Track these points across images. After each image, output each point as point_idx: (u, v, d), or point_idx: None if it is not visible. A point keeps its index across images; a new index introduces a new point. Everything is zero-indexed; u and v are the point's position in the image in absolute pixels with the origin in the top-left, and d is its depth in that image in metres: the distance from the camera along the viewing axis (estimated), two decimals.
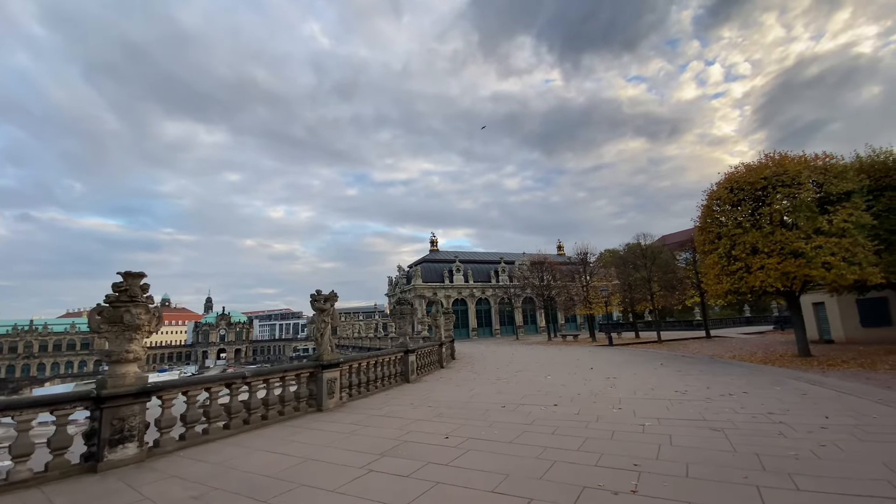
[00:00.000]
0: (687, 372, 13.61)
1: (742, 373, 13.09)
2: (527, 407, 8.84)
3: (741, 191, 19.12)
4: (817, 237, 16.60)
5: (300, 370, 9.06)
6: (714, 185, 21.28)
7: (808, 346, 18.93)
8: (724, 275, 19.64)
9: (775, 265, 17.25)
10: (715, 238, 20.52)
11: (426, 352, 14.98)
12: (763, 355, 20.28)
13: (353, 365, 10.53)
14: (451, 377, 14.26)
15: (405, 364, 12.73)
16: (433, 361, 15.79)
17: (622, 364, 17.10)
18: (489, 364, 18.30)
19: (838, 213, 16.61)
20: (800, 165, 18.12)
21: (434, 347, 16.22)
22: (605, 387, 11.11)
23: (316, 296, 9.62)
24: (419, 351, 13.99)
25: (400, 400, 10.23)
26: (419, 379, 13.48)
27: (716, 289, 20.58)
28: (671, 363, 16.69)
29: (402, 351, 12.65)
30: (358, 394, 10.55)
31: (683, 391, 10.01)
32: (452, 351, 20.56)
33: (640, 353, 23.20)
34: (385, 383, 11.72)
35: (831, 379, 11.23)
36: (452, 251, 63.77)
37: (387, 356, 11.88)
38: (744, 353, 22.00)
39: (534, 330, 59.01)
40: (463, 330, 54.39)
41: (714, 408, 8.08)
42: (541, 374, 14.37)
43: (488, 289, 56.66)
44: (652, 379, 12.26)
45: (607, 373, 14.08)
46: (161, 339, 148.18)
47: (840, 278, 16.40)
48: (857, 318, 23.82)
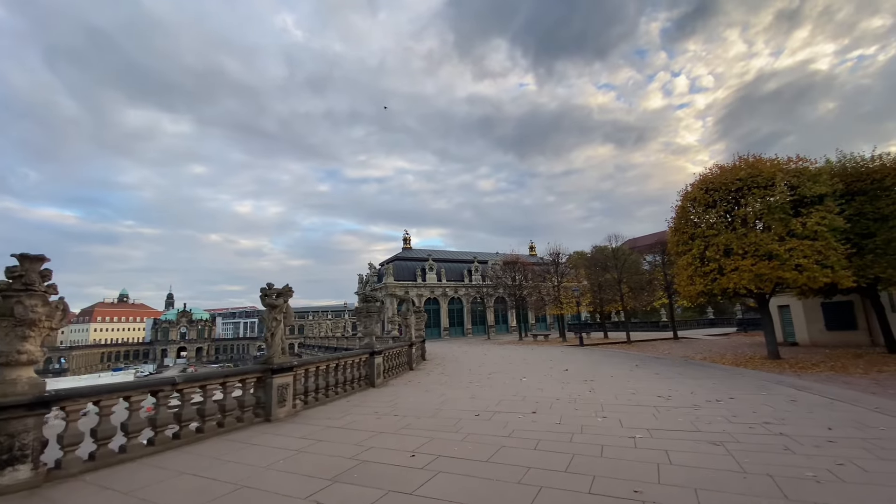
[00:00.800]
0: (665, 375, 13.15)
1: (721, 376, 12.72)
2: (503, 415, 7.98)
3: (716, 191, 19.01)
4: (790, 239, 16.60)
5: (246, 375, 7.85)
6: (689, 186, 21.18)
7: (777, 348, 19.02)
8: (698, 276, 19.51)
9: (749, 267, 17.16)
10: (689, 239, 20.40)
11: (394, 353, 13.93)
12: (733, 357, 20.31)
13: (309, 368, 9.37)
14: (421, 380, 13.28)
15: (370, 367, 11.65)
16: (402, 363, 14.76)
17: (597, 365, 16.59)
18: (461, 365, 17.43)
19: (811, 216, 16.64)
20: (774, 168, 18.15)
21: (403, 348, 15.19)
22: (583, 391, 10.41)
23: (266, 290, 8.44)
24: (386, 352, 12.92)
25: (363, 407, 9.17)
26: (386, 383, 12.43)
27: (688, 290, 20.46)
28: (646, 365, 16.29)
29: (368, 352, 11.56)
30: (315, 401, 9.40)
31: (667, 396, 9.41)
32: (423, 352, 19.58)
33: (612, 353, 22.92)
34: (347, 388, 10.60)
35: (814, 384, 10.94)
36: (426, 249, 62.73)
37: (349, 358, 10.77)
38: (714, 354, 22.05)
39: (505, 329, 58.75)
40: (434, 329, 53.45)
41: (705, 416, 7.45)
42: (515, 376, 13.60)
43: (461, 288, 55.95)
44: (631, 382, 11.68)
45: (584, 375, 13.46)
46: (117, 336, 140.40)
47: (812, 281, 16.44)
48: (821, 322, 24.36)
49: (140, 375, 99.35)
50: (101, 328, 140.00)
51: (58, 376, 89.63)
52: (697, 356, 21.30)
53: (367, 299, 11.85)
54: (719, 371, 14.01)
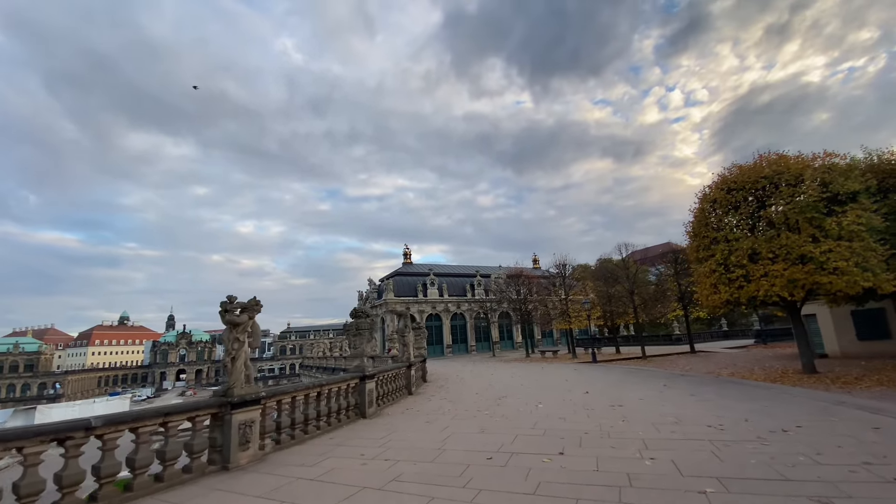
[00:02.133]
0: (702, 396, 11.43)
1: (766, 396, 11.00)
2: (522, 458, 6.32)
3: (739, 191, 17.55)
4: (825, 241, 15.05)
5: (196, 412, 6.23)
6: (707, 188, 19.74)
7: (813, 361, 17.30)
8: (722, 284, 17.89)
9: (781, 272, 15.57)
10: (710, 244, 18.83)
11: (390, 376, 12.24)
12: (763, 372, 18.53)
13: (282, 400, 7.73)
14: (421, 408, 11.58)
15: (361, 394, 9.98)
16: (399, 387, 13.05)
17: (620, 386, 14.84)
18: (466, 388, 15.70)
19: (847, 215, 15.11)
20: (801, 164, 16.71)
21: (401, 370, 13.49)
22: (615, 420, 8.72)
23: (227, 304, 6.88)
24: (380, 376, 11.26)
25: (348, 447, 7.50)
26: (379, 412, 10.73)
27: (712, 299, 18.79)
28: (675, 384, 14.54)
29: (357, 377, 9.92)
30: (290, 439, 7.74)
31: (718, 426, 7.72)
32: (424, 373, 17.84)
33: (631, 371, 21.10)
34: (332, 421, 8.93)
35: (883, 404, 9.24)
36: (427, 264, 61.11)
37: (335, 385, 9.12)
38: (741, 369, 20.23)
39: (510, 346, 56.66)
40: (437, 346, 51.46)
41: (782, 456, 5.79)
42: (529, 401, 11.88)
43: (464, 303, 54.12)
44: (667, 407, 9.98)
45: (608, 398, 11.74)
46: (116, 359, 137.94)
47: (851, 286, 14.81)
48: (852, 331, 22.57)
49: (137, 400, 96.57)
50: (99, 351, 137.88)
51: (52, 402, 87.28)
52: (724, 372, 19.51)
53: (357, 315, 10.27)
54: (761, 390, 12.27)
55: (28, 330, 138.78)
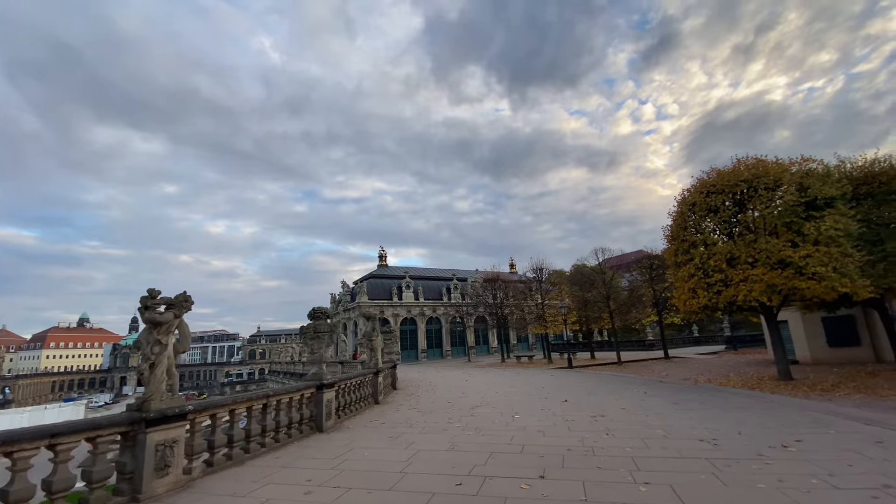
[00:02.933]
0: (685, 405, 10.81)
1: (753, 405, 10.46)
2: (497, 483, 5.39)
3: (719, 195, 17.30)
4: (805, 245, 14.88)
5: (97, 430, 5.04)
6: (686, 192, 19.51)
7: (788, 368, 17.15)
8: (700, 288, 17.59)
9: (760, 276, 15.32)
10: (688, 248, 18.56)
11: (353, 384, 11.11)
12: (739, 379, 18.30)
13: (217, 414, 6.57)
14: (387, 419, 10.53)
15: (317, 405, 8.86)
16: (364, 396, 11.93)
17: (598, 393, 14.16)
18: (439, 396, 14.70)
19: (825, 220, 14.99)
20: (779, 169, 16.61)
21: (366, 377, 12.37)
22: (597, 433, 7.92)
23: (149, 298, 5.72)
24: (342, 385, 10.14)
25: (293, 471, 6.41)
26: (339, 425, 9.62)
27: (690, 304, 18.47)
28: (656, 391, 13.96)
29: (314, 386, 8.80)
30: (227, 460, 6.58)
31: (711, 440, 7.02)
32: (394, 380, 16.72)
33: (609, 377, 20.57)
34: (282, 437, 7.79)
35: (876, 414, 8.78)
36: (402, 267, 59.87)
37: (285, 396, 7.98)
38: (717, 376, 20.00)
39: (486, 350, 56.00)
40: (412, 351, 50.26)
41: (791, 478, 5.07)
42: (505, 410, 11.00)
43: (440, 307, 53.13)
44: (651, 417, 9.27)
45: (589, 407, 10.98)
46: (73, 363, 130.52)
47: (829, 291, 14.67)
48: (823, 338, 22.74)
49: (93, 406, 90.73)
50: (54, 354, 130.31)
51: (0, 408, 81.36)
52: (701, 378, 19.20)
53: (315, 315, 9.17)
54: (743, 398, 11.78)
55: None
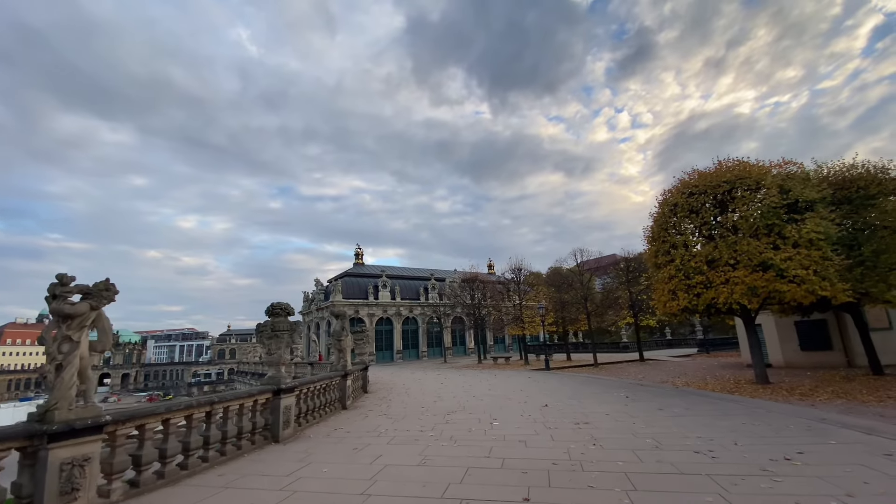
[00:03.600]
0: (671, 411, 10.29)
1: (737, 410, 10.04)
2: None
3: (702, 195, 17.08)
4: (786, 248, 14.74)
5: None
6: (668, 192, 19.28)
7: (766, 372, 17.05)
8: (681, 290, 17.32)
9: (742, 278, 15.10)
10: (669, 249, 18.30)
11: (317, 389, 10.10)
12: (716, 382, 18.13)
13: (146, 425, 5.53)
14: (354, 427, 9.59)
15: (274, 412, 7.87)
16: (330, 402, 10.92)
17: (579, 396, 13.58)
18: (412, 400, 13.82)
19: (806, 223, 14.90)
20: (761, 171, 16.52)
21: (333, 381, 11.35)
22: (583, 443, 7.24)
23: (58, 285, 4.68)
24: (303, 390, 9.16)
25: (235, 492, 5.44)
26: (299, 434, 8.64)
27: (670, 306, 18.19)
28: (636, 395, 13.47)
29: (270, 390, 7.81)
30: (157, 479, 5.55)
31: (708, 452, 6.42)
32: (365, 382, 15.72)
33: (587, 379, 20.13)
34: (227, 450, 6.78)
35: (874, 422, 8.42)
36: (379, 265, 58.59)
37: (234, 402, 6.97)
38: (694, 379, 19.85)
39: (462, 351, 55.36)
40: (387, 352, 49.13)
41: (807, 499, 4.47)
42: (483, 417, 10.24)
43: (416, 307, 52.15)
44: (638, 425, 8.67)
45: (571, 413, 10.34)
46: (32, 360, 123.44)
47: (808, 294, 14.57)
48: (795, 342, 22.99)
49: None
50: (11, 351, 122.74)
51: None
52: (678, 381, 18.98)
53: (274, 312, 8.17)
54: (728, 403, 11.37)
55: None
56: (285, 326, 8.16)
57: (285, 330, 8.16)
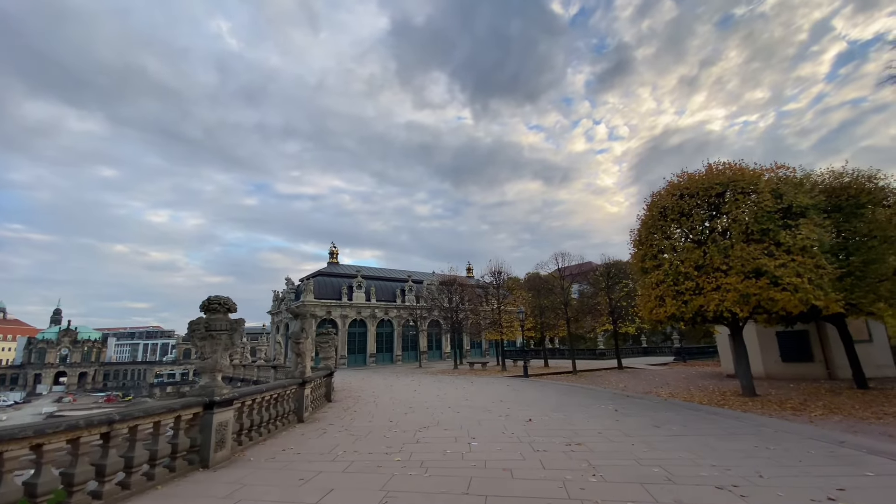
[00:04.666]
0: (667, 428, 9.23)
1: (740, 428, 9.07)
2: None
3: (693, 197, 16.33)
4: (781, 254, 14.08)
5: None
6: (656, 195, 18.53)
7: (752, 383, 16.39)
8: (669, 296, 16.51)
9: (735, 285, 14.35)
10: (657, 253, 17.53)
11: (266, 400, 8.58)
12: (701, 393, 17.40)
13: (5, 453, 3.99)
14: (307, 447, 8.13)
15: (204, 431, 6.37)
16: (284, 414, 9.40)
17: (564, 409, 12.43)
18: (380, 412, 12.39)
19: (800, 229, 14.28)
20: (754, 174, 15.91)
21: (287, 390, 9.80)
22: (581, 472, 6.03)
23: None
24: (248, 401, 7.65)
25: None
26: (237, 457, 7.13)
27: (657, 312, 17.37)
28: (625, 408, 12.43)
29: (200, 404, 6.31)
30: None
31: (734, 489, 5.29)
32: (329, 390, 14.14)
33: (568, 388, 19.09)
34: (133, 482, 5.26)
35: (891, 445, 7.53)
36: (355, 265, 56.65)
37: (144, 420, 5.43)
38: (678, 389, 19.10)
39: (438, 356, 53.97)
40: (360, 356, 47.27)
41: None
42: (460, 434, 8.93)
43: (392, 309, 50.50)
44: (638, 447, 7.54)
45: (558, 429, 9.15)
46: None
47: (801, 304, 13.93)
48: (776, 352, 22.62)
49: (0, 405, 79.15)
50: None
51: None
52: (662, 391, 18.16)
53: (210, 307, 6.68)
54: (730, 420, 10.41)
55: None
56: (223, 325, 6.67)
57: (223, 330, 6.66)
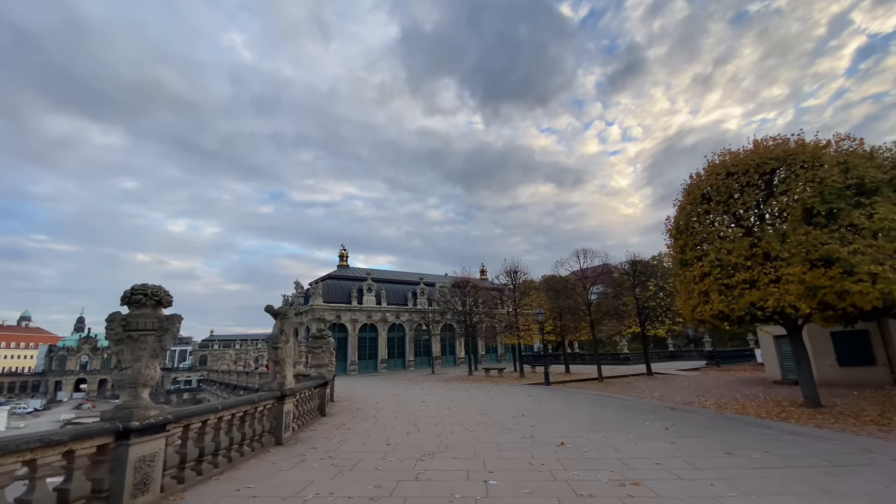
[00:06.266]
0: (745, 457, 7.07)
1: (852, 458, 6.86)
2: None
3: (744, 175, 14.10)
4: (856, 238, 11.74)
5: None
6: (696, 176, 16.34)
7: (816, 392, 14.04)
8: (716, 291, 14.28)
9: (800, 275, 12.08)
10: (700, 242, 15.32)
11: (224, 421, 6.70)
12: (755, 404, 15.02)
13: None
14: (268, 487, 6.21)
15: (117, 471, 4.53)
16: (252, 437, 7.44)
17: (602, 428, 10.25)
18: (379, 430, 10.45)
19: (877, 208, 11.92)
20: (816, 147, 13.62)
21: (260, 406, 7.87)
22: None
23: None
24: (193, 423, 5.80)
25: None
26: (173, 500, 5.31)
27: (701, 311, 15.16)
28: (676, 425, 10.23)
29: (111, 431, 4.50)
30: None
31: None
32: (321, 403, 12.15)
33: (598, 398, 16.84)
34: None
35: None
36: (365, 268, 55.08)
37: (9, 458, 3.66)
38: (725, 399, 16.70)
39: (452, 361, 51.87)
40: (371, 361, 45.50)
41: None
42: (472, 467, 6.94)
43: (404, 313, 48.66)
44: (719, 487, 5.46)
45: (601, 458, 7.10)
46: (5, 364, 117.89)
47: (881, 297, 11.58)
48: (832, 356, 20.01)
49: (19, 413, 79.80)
50: None
51: None
52: (707, 402, 15.85)
53: (134, 300, 4.90)
54: (822, 443, 8.19)
55: None
56: (149, 325, 4.88)
57: (149, 330, 4.87)
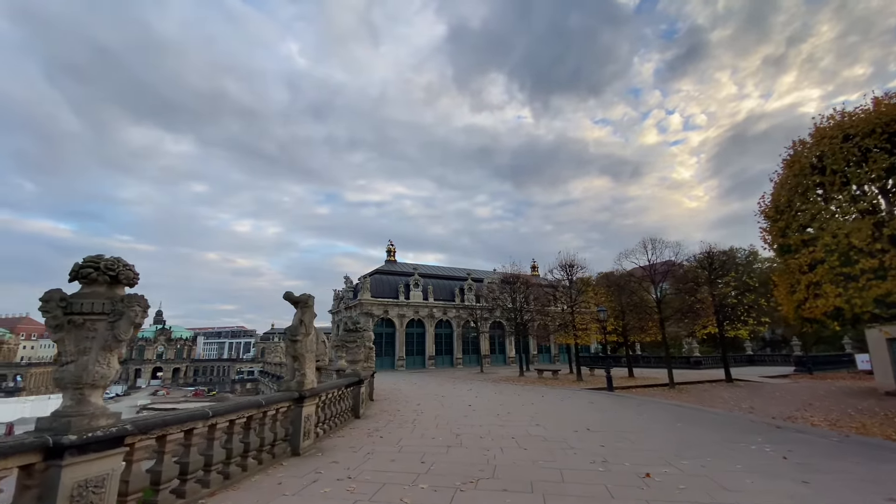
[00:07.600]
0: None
1: None
2: None
3: (869, 137, 11.18)
4: None
5: None
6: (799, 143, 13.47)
7: None
8: (831, 283, 11.47)
9: None
10: (809, 222, 12.48)
11: (217, 429, 5.50)
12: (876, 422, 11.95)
13: None
14: None
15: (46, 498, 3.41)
16: (260, 447, 6.12)
17: (696, 454, 8.11)
18: (415, 441, 9.01)
19: None
20: None
21: (272, 410, 6.48)
22: None
23: None
24: (171, 433, 4.59)
25: None
26: None
27: (810, 307, 12.36)
28: (794, 452, 7.87)
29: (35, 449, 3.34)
30: None
31: None
32: (355, 403, 10.90)
33: (676, 409, 14.29)
34: None
35: None
36: (412, 263, 54.46)
37: None
38: (836, 415, 13.59)
39: (502, 360, 49.93)
40: (418, 357, 44.74)
41: None
42: (531, 502, 5.30)
43: (451, 309, 47.40)
44: None
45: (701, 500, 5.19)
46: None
47: None
48: None
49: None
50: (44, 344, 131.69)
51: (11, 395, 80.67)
52: (814, 418, 12.93)
53: (82, 274, 3.77)
54: None
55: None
56: (98, 307, 3.71)
57: (98, 315, 3.70)
